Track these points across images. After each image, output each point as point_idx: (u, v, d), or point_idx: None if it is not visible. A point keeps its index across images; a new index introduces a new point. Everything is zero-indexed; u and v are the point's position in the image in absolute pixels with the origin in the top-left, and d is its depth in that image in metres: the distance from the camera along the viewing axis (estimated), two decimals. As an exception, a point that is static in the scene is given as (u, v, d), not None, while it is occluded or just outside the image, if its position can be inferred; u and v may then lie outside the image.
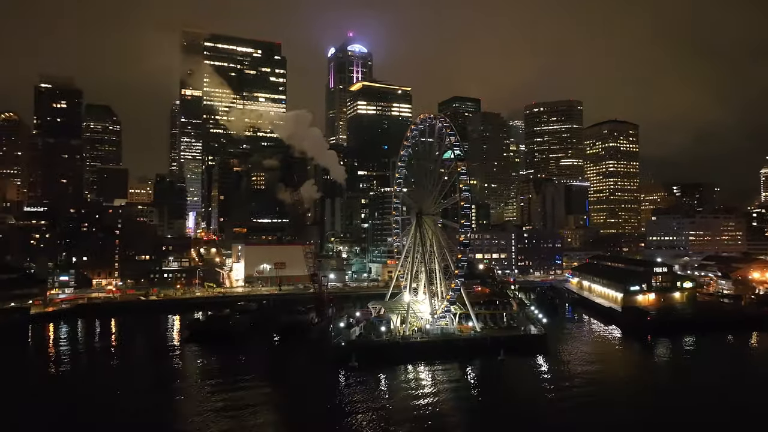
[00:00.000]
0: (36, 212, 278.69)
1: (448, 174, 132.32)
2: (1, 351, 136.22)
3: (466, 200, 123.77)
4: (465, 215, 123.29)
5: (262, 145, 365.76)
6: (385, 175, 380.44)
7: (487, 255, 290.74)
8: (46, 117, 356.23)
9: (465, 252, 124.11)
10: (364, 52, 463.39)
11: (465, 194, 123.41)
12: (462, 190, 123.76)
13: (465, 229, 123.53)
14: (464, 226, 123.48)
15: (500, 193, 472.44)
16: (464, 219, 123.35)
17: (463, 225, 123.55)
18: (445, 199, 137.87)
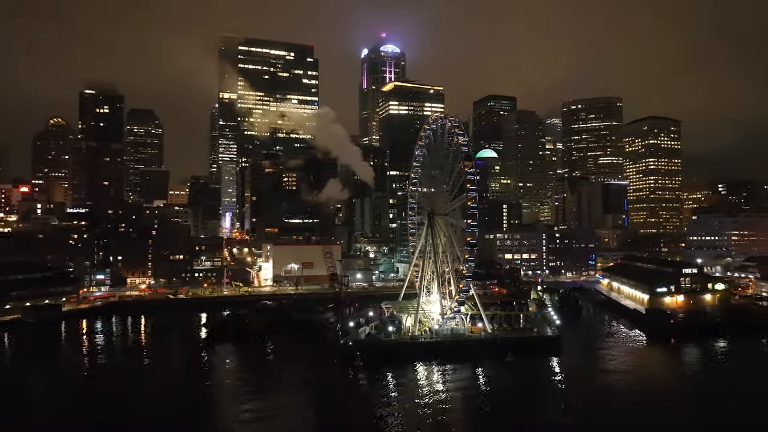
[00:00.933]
0: (77, 213, 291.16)
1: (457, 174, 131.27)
2: (35, 345, 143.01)
3: (473, 200, 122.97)
4: (472, 215, 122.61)
5: (294, 146, 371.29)
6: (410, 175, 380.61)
7: (517, 255, 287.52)
8: (90, 122, 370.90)
9: (473, 252, 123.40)
10: (397, 52, 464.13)
11: (472, 194, 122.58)
12: (469, 189, 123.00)
13: (472, 229, 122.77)
14: (471, 226, 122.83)
15: (536, 193, 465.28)
16: (471, 219, 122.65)
17: (470, 225, 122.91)
18: (455, 199, 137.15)
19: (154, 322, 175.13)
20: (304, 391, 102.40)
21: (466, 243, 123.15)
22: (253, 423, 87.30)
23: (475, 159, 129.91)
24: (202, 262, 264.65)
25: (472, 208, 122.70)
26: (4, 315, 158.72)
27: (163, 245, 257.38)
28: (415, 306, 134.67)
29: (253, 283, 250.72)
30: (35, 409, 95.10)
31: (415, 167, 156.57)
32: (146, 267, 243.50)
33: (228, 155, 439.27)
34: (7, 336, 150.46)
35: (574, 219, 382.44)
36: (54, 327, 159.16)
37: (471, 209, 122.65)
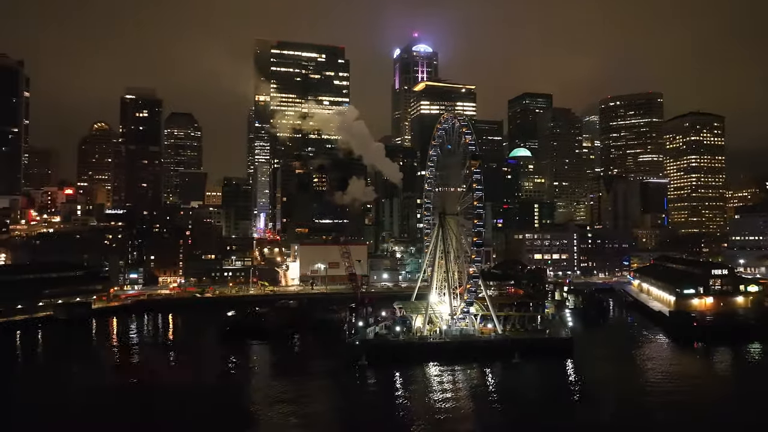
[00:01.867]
0: (116, 214, 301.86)
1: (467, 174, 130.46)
2: (65, 342, 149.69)
3: (479, 200, 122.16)
4: (478, 215, 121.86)
5: (326, 147, 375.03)
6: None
7: (547, 255, 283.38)
8: (130, 126, 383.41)
9: (480, 252, 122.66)
10: (429, 52, 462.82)
11: (478, 194, 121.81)
12: (475, 189, 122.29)
13: (478, 230, 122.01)
14: (477, 226, 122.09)
15: (572, 192, 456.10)
16: (477, 219, 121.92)
17: (476, 225, 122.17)
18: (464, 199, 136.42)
19: (179, 320, 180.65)
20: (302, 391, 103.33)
21: (473, 243, 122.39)
22: (248, 420, 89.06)
23: (481, 158, 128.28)
24: (233, 261, 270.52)
25: (478, 207, 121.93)
26: (37, 312, 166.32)
27: (194, 245, 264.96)
28: (425, 306, 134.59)
29: (281, 283, 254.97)
30: (70, 408, 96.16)
31: (429, 167, 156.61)
32: (177, 266, 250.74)
33: (263, 157, 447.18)
34: (41, 332, 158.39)
35: (609, 219, 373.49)
36: (84, 324, 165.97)
37: (477, 209, 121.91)
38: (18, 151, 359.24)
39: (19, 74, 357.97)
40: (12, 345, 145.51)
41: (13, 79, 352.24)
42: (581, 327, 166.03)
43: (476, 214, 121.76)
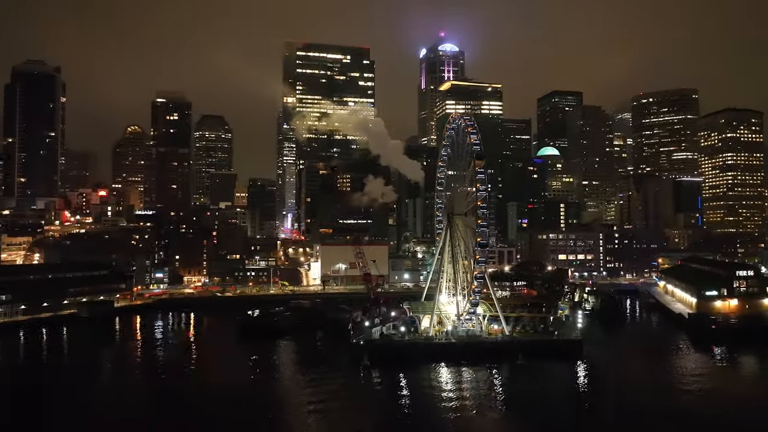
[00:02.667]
0: (145, 215, 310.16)
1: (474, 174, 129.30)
2: (87, 339, 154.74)
3: (483, 200, 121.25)
4: (482, 215, 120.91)
5: (351, 147, 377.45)
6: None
7: (572, 256, 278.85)
8: (161, 128, 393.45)
9: (484, 253, 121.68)
10: (455, 51, 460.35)
11: (482, 194, 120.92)
12: (479, 189, 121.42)
13: (482, 230, 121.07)
14: (481, 226, 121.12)
15: (602, 191, 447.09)
16: (481, 219, 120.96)
17: (480, 225, 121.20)
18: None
19: (197, 319, 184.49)
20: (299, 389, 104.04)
21: (477, 243, 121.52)
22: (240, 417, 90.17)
23: (485, 158, 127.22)
24: (257, 261, 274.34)
25: (481, 208, 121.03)
26: (62, 310, 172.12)
27: (219, 245, 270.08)
28: (432, 307, 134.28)
29: (302, 283, 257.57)
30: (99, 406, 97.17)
31: (440, 167, 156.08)
32: (201, 266, 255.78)
33: (291, 158, 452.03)
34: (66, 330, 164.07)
35: (640, 218, 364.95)
36: (106, 322, 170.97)
37: (481, 209, 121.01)
38: (55, 155, 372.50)
39: (56, 80, 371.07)
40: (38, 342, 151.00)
41: (51, 85, 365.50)
42: (597, 329, 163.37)
43: (480, 214, 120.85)
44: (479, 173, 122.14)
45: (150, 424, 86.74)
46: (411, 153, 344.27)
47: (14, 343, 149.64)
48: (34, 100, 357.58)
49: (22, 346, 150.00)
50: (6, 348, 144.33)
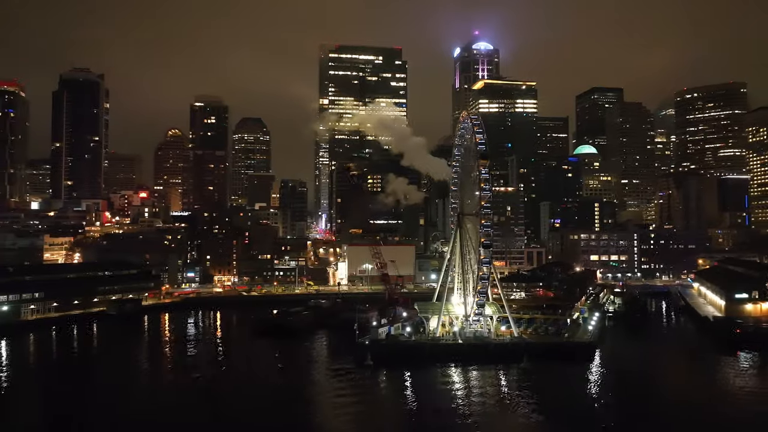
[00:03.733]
0: (180, 216, 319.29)
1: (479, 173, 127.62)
2: (113, 335, 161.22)
3: (486, 200, 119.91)
4: (486, 215, 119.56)
5: (384, 148, 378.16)
6: (506, 174, 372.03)
7: (605, 257, 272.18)
8: (199, 131, 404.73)
9: (488, 253, 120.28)
10: (490, 49, 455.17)
11: (486, 194, 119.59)
12: (483, 189, 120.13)
13: (485, 230, 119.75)
14: (485, 226, 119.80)
15: (643, 190, 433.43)
16: (484, 219, 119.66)
17: (484, 225, 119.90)
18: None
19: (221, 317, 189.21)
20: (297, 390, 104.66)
21: (481, 244, 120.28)
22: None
23: (489, 157, 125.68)
24: (286, 261, 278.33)
25: (485, 208, 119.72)
26: (92, 307, 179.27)
27: (251, 245, 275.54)
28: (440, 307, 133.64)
29: (329, 283, 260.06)
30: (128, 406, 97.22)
31: (454, 167, 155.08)
32: (231, 266, 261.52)
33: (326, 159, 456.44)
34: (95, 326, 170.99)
35: (680, 218, 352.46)
36: (133, 319, 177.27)
37: (484, 209, 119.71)
38: (99, 159, 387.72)
39: (100, 87, 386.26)
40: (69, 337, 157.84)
41: (95, 92, 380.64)
42: (618, 331, 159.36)
43: (484, 214, 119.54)
44: (483, 173, 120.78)
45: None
46: (441, 152, 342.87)
47: (46, 338, 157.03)
48: (79, 107, 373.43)
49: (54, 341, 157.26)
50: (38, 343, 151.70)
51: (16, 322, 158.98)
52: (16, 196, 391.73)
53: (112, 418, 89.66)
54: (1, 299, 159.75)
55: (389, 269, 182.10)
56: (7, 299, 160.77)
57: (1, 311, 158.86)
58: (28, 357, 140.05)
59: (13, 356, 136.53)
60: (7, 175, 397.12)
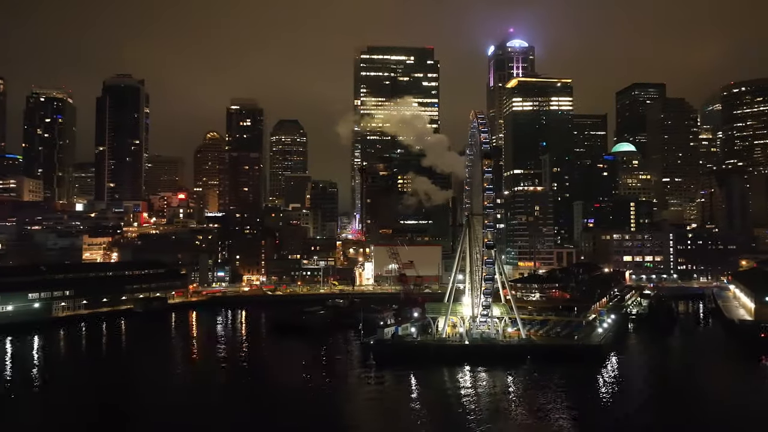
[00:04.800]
0: (214, 217, 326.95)
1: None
2: (139, 332, 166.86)
3: (490, 200, 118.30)
4: (488, 215, 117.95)
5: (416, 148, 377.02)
6: (540, 174, 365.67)
7: (639, 257, 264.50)
8: (235, 134, 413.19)
9: (490, 254, 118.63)
10: (525, 47, 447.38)
11: (489, 193, 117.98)
12: (485, 189, 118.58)
13: (488, 230, 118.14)
14: (487, 226, 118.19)
15: (686, 188, 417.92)
16: (488, 219, 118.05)
17: (486, 226, 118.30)
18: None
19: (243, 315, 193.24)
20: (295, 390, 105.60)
21: (484, 244, 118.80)
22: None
23: (493, 157, 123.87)
24: (316, 261, 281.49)
25: (488, 207, 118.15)
26: (120, 305, 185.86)
27: (281, 246, 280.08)
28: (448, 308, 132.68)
29: (356, 283, 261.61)
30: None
31: (467, 167, 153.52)
32: (260, 266, 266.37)
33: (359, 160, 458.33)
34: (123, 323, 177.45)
35: (723, 217, 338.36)
36: (159, 317, 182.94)
37: (488, 209, 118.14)
38: (140, 162, 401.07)
39: (140, 92, 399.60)
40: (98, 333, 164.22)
41: (135, 97, 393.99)
42: (639, 334, 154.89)
43: (486, 214, 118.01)
44: (487, 172, 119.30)
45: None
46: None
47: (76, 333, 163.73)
48: (121, 112, 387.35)
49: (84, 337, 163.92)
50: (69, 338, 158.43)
51: (47, 318, 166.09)
52: (64, 198, 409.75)
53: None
54: (34, 296, 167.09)
55: (411, 269, 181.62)
56: (39, 296, 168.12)
57: (33, 308, 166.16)
58: (58, 351, 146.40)
59: (45, 350, 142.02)
60: (55, 178, 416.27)
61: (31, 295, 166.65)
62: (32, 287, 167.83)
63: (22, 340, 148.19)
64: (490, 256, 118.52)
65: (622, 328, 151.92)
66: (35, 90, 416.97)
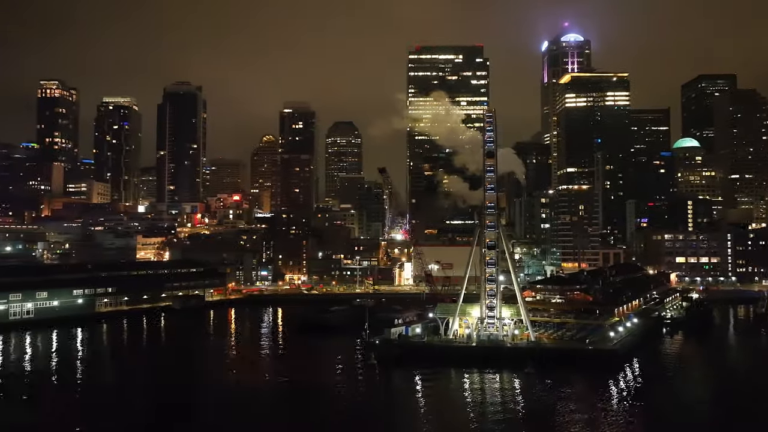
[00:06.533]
0: (263, 217, 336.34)
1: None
2: (182, 326, 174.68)
3: (491, 199, 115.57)
4: (489, 215, 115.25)
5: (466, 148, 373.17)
6: (592, 172, 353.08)
7: (693, 258, 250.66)
8: (288, 136, 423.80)
9: (492, 254, 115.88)
10: (580, 41, 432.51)
11: (490, 193, 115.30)
12: (487, 188, 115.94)
13: (489, 231, 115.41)
14: (489, 227, 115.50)
15: (757, 186, 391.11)
16: (488, 219, 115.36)
17: (488, 226, 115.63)
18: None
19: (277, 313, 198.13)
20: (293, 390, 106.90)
21: (485, 245, 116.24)
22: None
23: (495, 156, 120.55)
24: (359, 261, 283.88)
25: (489, 207, 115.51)
26: (159, 302, 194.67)
27: (324, 245, 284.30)
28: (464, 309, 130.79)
29: (395, 283, 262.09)
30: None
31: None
32: (302, 265, 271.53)
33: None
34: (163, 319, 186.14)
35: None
36: (195, 314, 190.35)
37: (488, 209, 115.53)
38: (198, 165, 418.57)
39: (198, 98, 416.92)
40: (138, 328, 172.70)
41: (193, 103, 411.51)
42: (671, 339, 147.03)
43: (487, 213, 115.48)
44: (488, 171, 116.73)
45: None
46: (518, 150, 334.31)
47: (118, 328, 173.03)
48: (180, 117, 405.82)
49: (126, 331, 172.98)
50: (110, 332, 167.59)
51: (90, 313, 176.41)
52: (130, 201, 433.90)
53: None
54: (78, 293, 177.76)
55: (449, 270, 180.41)
56: (83, 293, 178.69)
57: (77, 303, 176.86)
58: (101, 343, 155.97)
59: (88, 342, 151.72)
60: (122, 182, 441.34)
61: (76, 291, 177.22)
62: (77, 284, 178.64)
63: (66, 333, 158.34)
64: (492, 256, 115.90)
65: (651, 332, 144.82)
66: (105, 99, 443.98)
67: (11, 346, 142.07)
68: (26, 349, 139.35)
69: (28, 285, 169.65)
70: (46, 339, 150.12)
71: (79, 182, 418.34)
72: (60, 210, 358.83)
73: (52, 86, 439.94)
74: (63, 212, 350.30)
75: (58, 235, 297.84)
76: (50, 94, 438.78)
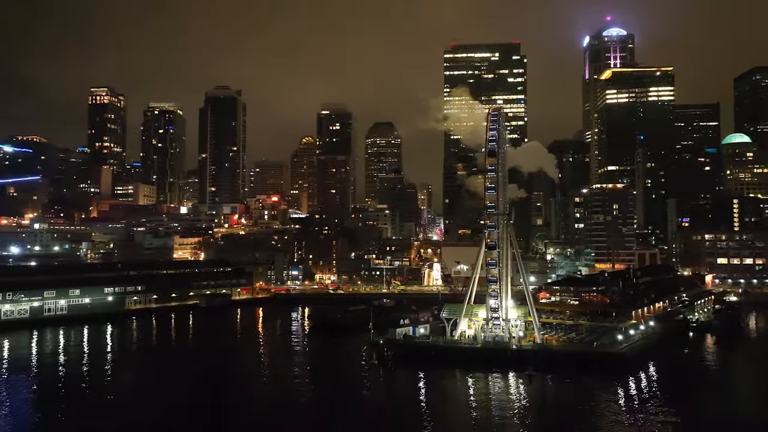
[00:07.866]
0: (297, 218, 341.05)
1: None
2: (206, 324, 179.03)
3: (491, 199, 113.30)
4: (489, 215, 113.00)
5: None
6: (632, 170, 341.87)
7: (736, 260, 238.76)
8: (325, 138, 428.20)
9: (492, 255, 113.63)
10: (623, 35, 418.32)
11: (490, 192, 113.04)
12: (487, 188, 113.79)
13: (489, 230, 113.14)
14: (488, 227, 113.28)
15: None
16: (489, 219, 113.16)
17: (488, 226, 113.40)
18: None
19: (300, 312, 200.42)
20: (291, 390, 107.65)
21: (485, 245, 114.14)
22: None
23: (496, 155, 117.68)
24: (390, 261, 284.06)
25: (489, 207, 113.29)
26: (187, 300, 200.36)
27: (353, 245, 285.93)
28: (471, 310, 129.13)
29: (424, 283, 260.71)
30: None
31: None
32: (332, 265, 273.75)
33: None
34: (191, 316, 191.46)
35: None
36: (221, 312, 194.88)
37: (489, 208, 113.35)
38: (238, 167, 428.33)
39: (238, 102, 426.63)
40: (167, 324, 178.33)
41: (233, 106, 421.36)
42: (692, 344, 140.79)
43: (488, 213, 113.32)
44: (489, 171, 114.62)
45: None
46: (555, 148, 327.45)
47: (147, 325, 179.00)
48: (221, 121, 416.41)
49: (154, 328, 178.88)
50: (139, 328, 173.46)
51: (121, 311, 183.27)
52: (175, 202, 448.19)
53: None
54: (109, 290, 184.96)
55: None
56: (113, 291, 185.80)
57: (108, 301, 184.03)
58: (131, 339, 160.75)
59: (119, 338, 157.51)
60: (167, 184, 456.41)
61: (107, 289, 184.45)
62: (108, 282, 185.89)
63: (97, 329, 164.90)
64: (492, 256, 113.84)
65: (673, 336, 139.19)
66: (150, 104, 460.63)
67: (47, 341, 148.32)
68: (59, 343, 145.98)
69: (63, 283, 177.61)
70: (78, 335, 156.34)
71: (127, 185, 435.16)
72: (107, 211, 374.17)
73: (101, 93, 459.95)
74: (110, 213, 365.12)
75: (102, 235, 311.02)
76: (100, 101, 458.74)
